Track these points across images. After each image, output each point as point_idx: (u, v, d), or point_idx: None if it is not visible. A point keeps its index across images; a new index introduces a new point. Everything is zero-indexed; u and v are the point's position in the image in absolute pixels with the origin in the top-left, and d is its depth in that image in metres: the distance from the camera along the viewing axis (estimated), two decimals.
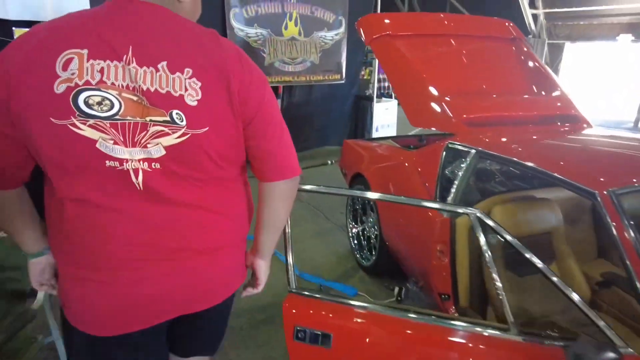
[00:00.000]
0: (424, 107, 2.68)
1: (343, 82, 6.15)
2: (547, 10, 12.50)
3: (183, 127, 0.89)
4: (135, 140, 0.88)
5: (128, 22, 0.87)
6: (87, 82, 0.83)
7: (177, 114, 0.88)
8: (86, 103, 0.83)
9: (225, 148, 0.96)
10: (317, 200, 4.50)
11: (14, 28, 2.21)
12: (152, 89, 0.86)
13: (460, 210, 1.50)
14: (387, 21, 3.15)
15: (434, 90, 2.68)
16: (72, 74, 0.82)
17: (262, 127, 0.99)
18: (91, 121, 0.84)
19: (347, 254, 3.34)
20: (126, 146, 0.87)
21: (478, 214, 1.35)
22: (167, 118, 0.88)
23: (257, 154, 1.02)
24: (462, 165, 2.19)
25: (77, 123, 0.84)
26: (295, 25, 5.47)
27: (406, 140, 3.76)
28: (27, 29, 0.90)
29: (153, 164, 0.91)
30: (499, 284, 1.33)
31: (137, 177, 0.90)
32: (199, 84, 0.88)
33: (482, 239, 1.35)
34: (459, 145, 2.31)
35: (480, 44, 3.27)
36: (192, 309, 1.07)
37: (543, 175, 1.82)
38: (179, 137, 0.89)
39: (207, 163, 0.94)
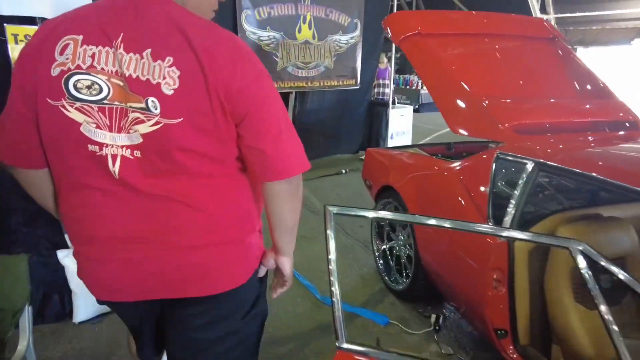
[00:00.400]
0: (465, 112, 2.39)
1: (358, 87, 5.88)
2: (559, 15, 12.22)
3: (157, 116, 0.89)
4: (121, 125, 0.90)
5: (126, 10, 0.89)
6: (78, 67, 0.88)
7: (152, 101, 0.88)
8: (75, 86, 0.88)
9: (202, 143, 0.92)
10: None
11: (5, 25, 1.96)
12: (134, 76, 0.87)
13: (559, 243, 1.20)
14: (416, 19, 2.88)
15: (474, 94, 2.39)
16: (67, 58, 0.88)
17: (255, 126, 0.94)
18: (78, 104, 0.89)
19: (373, 275, 3.03)
20: (111, 131, 0.90)
21: (583, 248, 1.05)
22: (143, 105, 0.88)
23: (248, 153, 0.97)
24: (520, 180, 1.89)
25: (66, 105, 0.89)
26: (309, 28, 5.22)
27: (434, 148, 3.48)
28: (22, 26, 1.02)
29: (135, 151, 0.92)
30: (614, 327, 1.02)
31: (114, 164, 0.92)
32: (178, 72, 0.87)
33: (588, 278, 1.05)
34: (512, 156, 2.02)
35: (518, 43, 2.98)
36: (167, 295, 1.05)
37: (625, 192, 1.52)
38: (152, 125, 0.89)
39: (179, 155, 0.92)
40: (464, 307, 2.19)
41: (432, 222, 1.34)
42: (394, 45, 6.11)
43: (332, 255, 1.33)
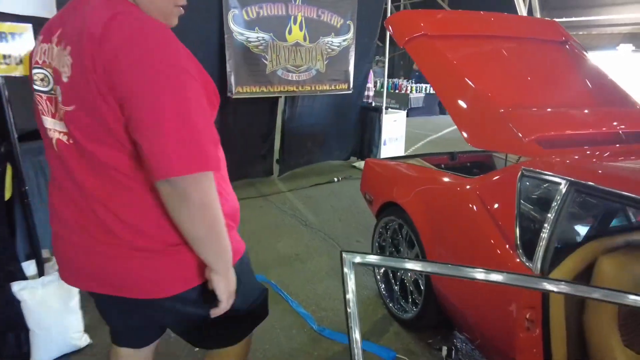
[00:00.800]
0: (482, 123, 2.14)
1: (350, 92, 5.62)
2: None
3: (60, 103, 0.96)
4: (55, 112, 1.00)
5: (70, 6, 1.00)
6: (36, 62, 1.03)
7: (58, 89, 0.96)
8: (34, 79, 1.03)
9: (99, 132, 0.91)
10: (330, 226, 3.93)
11: None
12: (54, 66, 0.97)
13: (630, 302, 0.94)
14: (422, 19, 2.63)
15: (492, 102, 2.15)
16: (34, 55, 1.04)
17: (133, 114, 0.87)
18: (37, 94, 1.04)
19: (375, 299, 2.76)
20: (53, 117, 1.01)
21: None
22: (55, 94, 0.97)
23: (136, 144, 0.91)
24: (553, 202, 1.64)
25: (35, 95, 1.05)
26: (300, 29, 4.94)
27: (436, 158, 3.23)
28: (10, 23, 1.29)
29: (66, 137, 0.98)
30: None
31: (57, 148, 1.01)
32: (71, 60, 0.91)
33: None
34: (540, 173, 1.77)
35: (530, 46, 2.76)
36: (102, 290, 1.05)
37: None
38: (63, 112, 0.96)
39: (85, 143, 0.94)
40: (481, 340, 1.94)
41: (480, 276, 1.07)
42: (387, 49, 5.90)
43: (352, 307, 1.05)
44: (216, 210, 0.95)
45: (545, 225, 1.63)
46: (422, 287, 2.33)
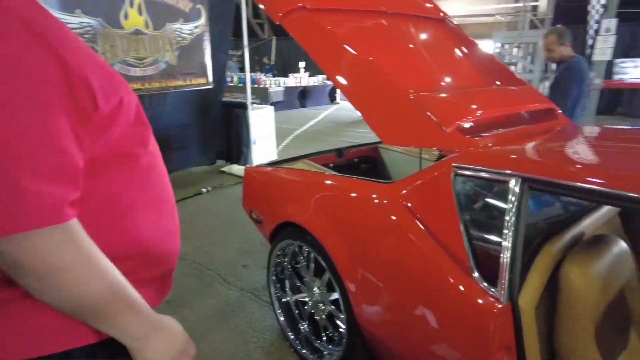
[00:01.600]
0: (394, 113, 1.73)
1: (211, 87, 4.89)
2: None
3: None
4: None
5: None
6: None
7: None
8: None
9: None
10: (206, 253, 3.20)
11: None
12: None
13: None
14: None
15: (398, 86, 1.75)
16: None
17: None
18: None
19: (279, 342, 2.20)
20: None
21: None
22: None
23: None
24: (509, 205, 1.29)
25: None
26: (140, 13, 4.03)
27: (323, 157, 2.80)
28: None
29: None
30: None
31: None
32: None
33: None
34: (478, 170, 1.41)
35: (417, 24, 2.47)
36: None
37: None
38: None
39: None
40: None
41: None
42: (245, 39, 5.27)
43: None
44: (84, 273, 0.67)
45: (505, 236, 1.28)
46: (340, 323, 1.86)
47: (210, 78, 4.88)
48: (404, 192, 1.56)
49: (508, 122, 1.92)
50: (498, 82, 2.31)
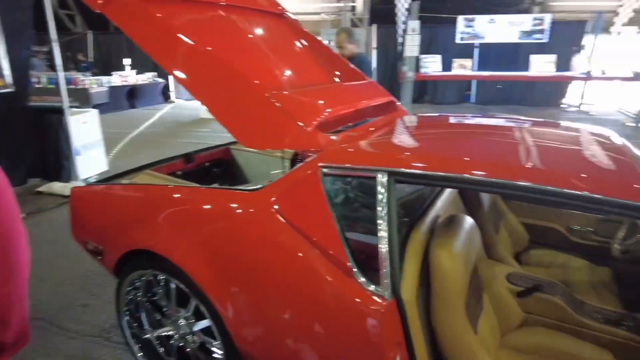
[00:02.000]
0: (250, 113, 1.58)
1: (12, 90, 3.97)
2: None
3: None
4: None
5: None
6: None
7: None
8: None
9: None
10: (32, 296, 2.57)
11: None
12: None
13: None
14: None
15: (250, 84, 1.62)
16: None
17: None
18: None
19: None
20: None
21: None
22: None
23: None
24: (380, 200, 1.28)
25: None
26: None
27: (169, 165, 2.51)
28: None
29: None
30: None
31: None
32: None
33: None
34: (346, 169, 1.38)
35: (256, 18, 2.36)
36: None
37: (547, 197, 1.13)
38: None
39: None
40: None
41: None
42: (53, 32, 4.42)
43: None
44: None
45: (381, 232, 1.26)
46: (216, 349, 1.66)
47: (9, 79, 3.97)
48: (273, 198, 1.45)
49: (358, 117, 1.96)
50: (338, 74, 2.36)
